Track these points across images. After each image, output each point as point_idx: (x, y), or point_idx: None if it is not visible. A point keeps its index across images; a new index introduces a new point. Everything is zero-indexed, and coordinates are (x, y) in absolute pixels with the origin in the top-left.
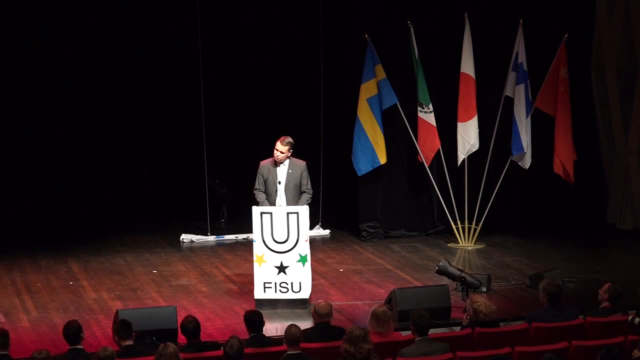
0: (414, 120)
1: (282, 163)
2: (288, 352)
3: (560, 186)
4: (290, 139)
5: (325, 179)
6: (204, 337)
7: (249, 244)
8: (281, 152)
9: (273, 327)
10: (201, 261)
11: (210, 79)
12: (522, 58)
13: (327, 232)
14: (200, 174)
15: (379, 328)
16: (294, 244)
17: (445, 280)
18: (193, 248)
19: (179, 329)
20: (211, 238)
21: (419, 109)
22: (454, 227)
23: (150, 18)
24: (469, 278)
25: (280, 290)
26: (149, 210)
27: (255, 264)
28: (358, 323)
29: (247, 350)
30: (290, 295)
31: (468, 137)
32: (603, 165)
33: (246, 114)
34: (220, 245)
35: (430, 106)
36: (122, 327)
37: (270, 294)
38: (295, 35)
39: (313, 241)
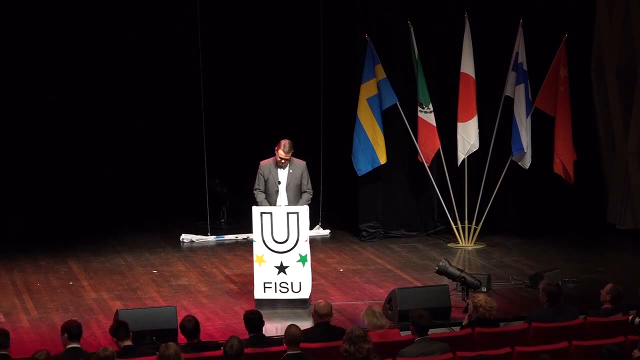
0: (414, 120)
1: (286, 166)
2: (288, 352)
3: (560, 186)
4: (290, 143)
5: (325, 179)
6: (204, 337)
7: (249, 244)
8: (286, 159)
9: (273, 327)
10: (201, 261)
11: (210, 79)
12: (522, 58)
13: (327, 232)
14: (200, 174)
15: (378, 321)
16: (294, 244)
17: (445, 280)
18: (193, 248)
19: (179, 329)
20: (211, 238)
21: (419, 109)
22: (454, 227)
23: (150, 19)
24: (469, 278)
25: (280, 290)
26: (149, 210)
27: (255, 264)
28: (358, 323)
29: (247, 350)
30: (290, 295)
31: (468, 137)
32: (603, 165)
33: (246, 114)
34: (220, 245)
35: (430, 106)
36: (118, 328)
37: (270, 294)
38: (295, 35)
39: (313, 241)
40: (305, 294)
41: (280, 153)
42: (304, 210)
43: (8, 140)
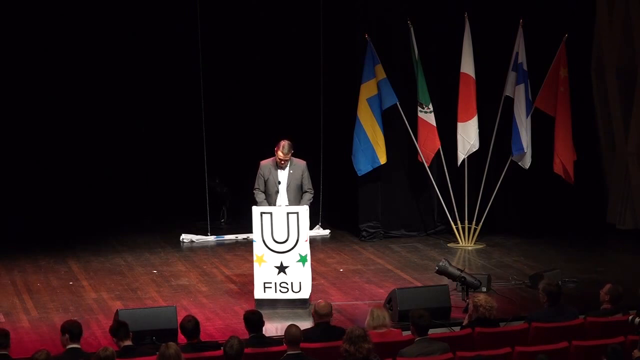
0: (414, 120)
1: (285, 167)
2: (288, 352)
3: (560, 186)
4: (289, 144)
5: (325, 179)
6: (204, 337)
7: (249, 244)
8: (285, 160)
9: (273, 327)
10: (201, 261)
11: (210, 79)
12: (522, 58)
13: (327, 232)
14: (200, 174)
15: (373, 322)
16: (294, 244)
17: (445, 280)
18: (193, 248)
19: (179, 329)
20: (211, 238)
21: (419, 109)
22: (454, 227)
23: (150, 19)
24: (469, 278)
25: (280, 290)
26: (149, 210)
27: (255, 264)
28: (358, 323)
29: (247, 350)
30: (290, 295)
31: (468, 137)
32: (603, 165)
33: (246, 114)
34: (220, 245)
35: (430, 106)
36: (118, 328)
37: (270, 294)
38: (295, 35)
39: (313, 241)
40: (305, 294)
41: (280, 154)
42: (304, 210)
43: (8, 140)
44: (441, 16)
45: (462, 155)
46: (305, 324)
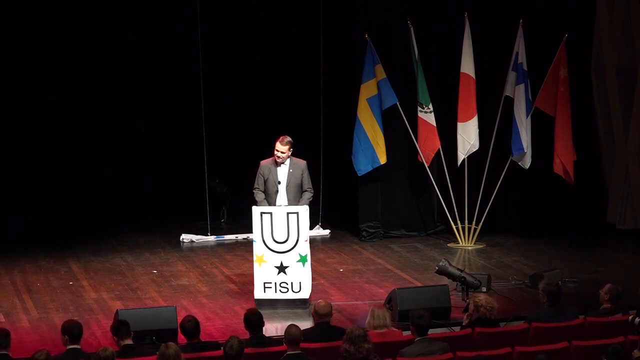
0: (414, 120)
1: (283, 163)
2: (288, 352)
3: (560, 186)
4: (289, 138)
5: (325, 179)
6: (204, 337)
7: (249, 244)
8: (282, 153)
9: (273, 327)
10: (201, 261)
11: (210, 79)
12: (522, 58)
13: (327, 232)
14: (200, 174)
15: (374, 321)
16: (294, 244)
17: (445, 280)
18: (193, 248)
19: (179, 329)
20: (211, 238)
21: (419, 109)
22: (454, 227)
23: (150, 19)
24: (469, 278)
25: (280, 290)
26: (149, 211)
27: (255, 264)
28: (358, 323)
29: (247, 350)
30: (290, 295)
31: (468, 137)
32: (603, 165)
33: (246, 114)
34: (220, 245)
35: (430, 106)
36: (119, 327)
37: (270, 294)
38: (295, 35)
39: (313, 241)
40: (305, 294)
41: (277, 145)
42: (304, 210)
43: (8, 140)
44: (441, 16)
45: (462, 155)
46: (305, 324)
